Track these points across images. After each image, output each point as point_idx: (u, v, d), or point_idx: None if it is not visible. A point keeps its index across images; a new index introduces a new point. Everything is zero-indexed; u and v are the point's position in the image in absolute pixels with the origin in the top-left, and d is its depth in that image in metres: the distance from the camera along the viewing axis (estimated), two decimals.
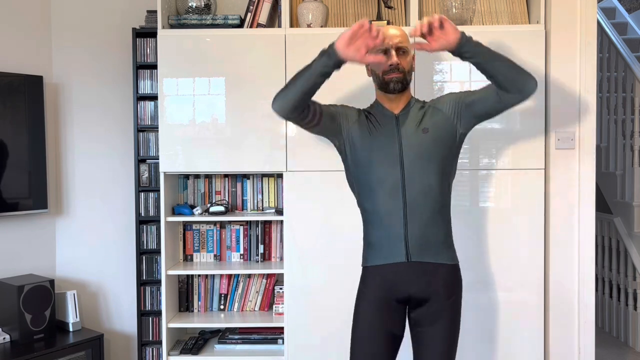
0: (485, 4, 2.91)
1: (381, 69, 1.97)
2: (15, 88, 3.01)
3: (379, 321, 1.98)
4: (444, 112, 2.03)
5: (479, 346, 2.75)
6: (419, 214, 1.95)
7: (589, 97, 2.71)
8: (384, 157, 1.98)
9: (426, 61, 2.73)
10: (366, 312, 2.00)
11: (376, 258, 1.99)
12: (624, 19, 5.56)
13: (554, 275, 2.75)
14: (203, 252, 3.09)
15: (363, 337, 1.99)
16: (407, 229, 1.95)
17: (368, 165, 1.99)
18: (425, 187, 1.96)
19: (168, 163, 2.80)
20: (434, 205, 1.96)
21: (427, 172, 1.97)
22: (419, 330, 2.01)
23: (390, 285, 1.97)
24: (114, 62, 3.29)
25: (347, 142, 2.05)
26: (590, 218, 2.73)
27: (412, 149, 1.97)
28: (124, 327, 3.36)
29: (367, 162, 2.00)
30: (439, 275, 1.97)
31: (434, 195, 1.97)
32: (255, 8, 2.84)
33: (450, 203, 2.05)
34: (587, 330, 2.74)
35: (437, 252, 1.98)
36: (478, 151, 2.74)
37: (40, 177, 3.12)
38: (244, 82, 2.77)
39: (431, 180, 1.97)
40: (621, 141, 4.16)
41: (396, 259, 1.95)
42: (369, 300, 2.00)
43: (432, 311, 1.97)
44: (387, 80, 1.98)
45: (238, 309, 3.09)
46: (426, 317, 1.98)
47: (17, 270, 3.16)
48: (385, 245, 1.97)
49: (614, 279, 4.10)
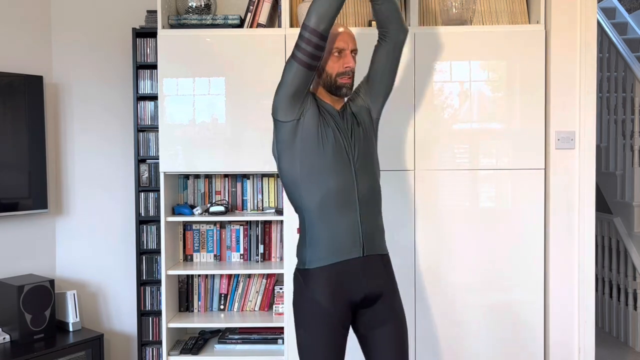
0: (485, 4, 2.91)
1: (336, 70, 1.92)
2: (15, 88, 3.02)
3: (339, 335, 1.83)
4: (362, 100, 2.05)
5: (479, 346, 2.76)
6: (369, 205, 1.91)
7: (589, 97, 2.71)
8: (335, 150, 1.88)
9: (426, 61, 2.73)
10: (322, 326, 1.82)
11: (325, 258, 1.84)
12: (624, 19, 5.56)
13: (554, 275, 2.75)
14: (203, 252, 3.09)
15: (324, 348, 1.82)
16: (361, 221, 1.88)
17: (322, 155, 1.86)
18: (371, 179, 1.93)
19: (168, 163, 2.80)
20: (377, 196, 1.95)
21: (370, 163, 1.95)
22: (372, 333, 1.89)
23: (344, 286, 1.84)
24: (114, 62, 3.29)
25: (302, 121, 1.88)
26: (590, 218, 2.73)
27: (357, 142, 1.94)
28: (124, 327, 3.36)
29: (320, 151, 1.86)
30: (385, 267, 1.93)
31: (377, 185, 1.96)
32: (255, 8, 2.84)
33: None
34: (587, 330, 2.74)
35: (381, 241, 1.94)
36: (478, 151, 2.74)
37: (40, 177, 3.12)
38: (244, 82, 2.78)
39: (374, 170, 1.97)
40: (621, 141, 4.16)
41: (351, 254, 1.85)
42: (322, 311, 1.82)
43: (384, 307, 1.89)
44: (339, 85, 1.92)
45: (238, 309, 3.09)
46: (379, 316, 1.88)
47: (17, 270, 3.16)
48: (337, 242, 1.84)
49: (614, 279, 4.10)
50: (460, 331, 2.76)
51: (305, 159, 1.86)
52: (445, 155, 2.74)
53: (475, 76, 2.73)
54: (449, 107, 2.74)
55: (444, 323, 2.76)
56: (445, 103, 2.74)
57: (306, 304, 1.85)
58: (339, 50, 1.92)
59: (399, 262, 2.75)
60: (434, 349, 2.76)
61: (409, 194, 2.74)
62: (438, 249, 2.75)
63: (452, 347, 2.76)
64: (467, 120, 2.73)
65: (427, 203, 2.74)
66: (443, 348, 2.76)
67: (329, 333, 1.82)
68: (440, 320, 2.76)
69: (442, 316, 2.76)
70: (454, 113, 2.74)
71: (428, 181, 2.74)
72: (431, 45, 2.73)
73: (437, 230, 2.74)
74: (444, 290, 2.76)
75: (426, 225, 2.74)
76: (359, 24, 2.93)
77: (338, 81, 1.92)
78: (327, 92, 1.95)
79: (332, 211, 1.85)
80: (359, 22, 2.94)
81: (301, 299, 1.86)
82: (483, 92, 2.73)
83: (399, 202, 2.75)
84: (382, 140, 2.74)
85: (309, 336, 1.83)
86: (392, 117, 2.74)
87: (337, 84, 1.92)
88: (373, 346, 1.88)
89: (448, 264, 2.75)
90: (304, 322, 1.85)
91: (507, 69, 2.72)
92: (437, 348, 2.76)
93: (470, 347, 2.76)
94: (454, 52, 2.73)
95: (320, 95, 1.97)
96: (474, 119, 2.73)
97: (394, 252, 2.74)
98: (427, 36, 2.73)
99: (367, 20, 2.91)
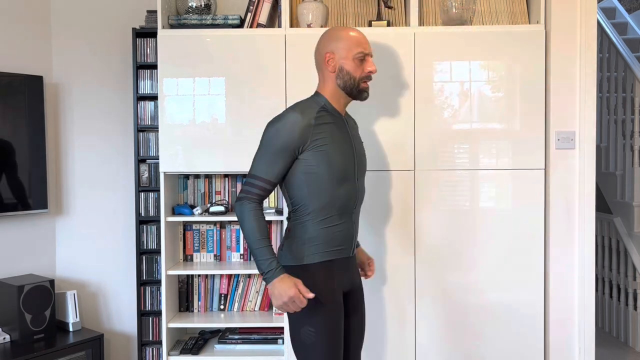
0: (485, 4, 2.91)
1: (359, 74, 1.99)
2: (15, 88, 3.02)
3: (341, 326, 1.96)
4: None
5: (479, 346, 2.76)
6: (358, 210, 2.06)
7: (588, 97, 2.71)
8: (345, 154, 1.97)
9: (426, 61, 2.73)
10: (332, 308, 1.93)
11: (322, 254, 1.94)
12: (624, 19, 5.56)
13: (554, 275, 2.75)
14: (203, 252, 3.09)
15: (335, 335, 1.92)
16: (354, 225, 2.03)
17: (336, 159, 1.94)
18: (362, 186, 2.07)
19: (168, 163, 2.80)
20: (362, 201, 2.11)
21: (363, 171, 2.09)
22: (347, 320, 2.08)
23: (338, 278, 1.98)
24: (114, 62, 3.29)
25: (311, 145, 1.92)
26: (590, 218, 2.73)
27: (359, 149, 2.06)
28: (124, 327, 3.36)
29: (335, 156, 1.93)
30: (356, 265, 2.12)
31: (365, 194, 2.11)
32: (255, 8, 2.84)
33: None
34: (587, 330, 2.74)
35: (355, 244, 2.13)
36: (478, 151, 2.74)
37: (40, 177, 3.12)
38: (244, 82, 2.78)
39: (364, 179, 2.10)
40: (621, 141, 4.16)
41: (342, 254, 1.99)
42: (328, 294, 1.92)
43: (356, 299, 2.08)
44: (362, 89, 2.01)
45: (238, 309, 3.09)
46: (353, 306, 2.07)
47: (17, 270, 3.16)
48: (335, 243, 1.96)
49: (614, 279, 4.10)
50: (460, 331, 2.76)
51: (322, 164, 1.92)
52: (445, 155, 2.74)
53: (475, 76, 2.73)
54: (449, 107, 2.74)
55: (444, 323, 2.76)
56: (445, 103, 2.74)
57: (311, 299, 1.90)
58: (362, 55, 1.98)
59: (399, 262, 2.75)
60: (433, 349, 2.76)
61: (409, 194, 2.74)
62: (438, 249, 2.75)
63: (452, 347, 2.76)
64: (467, 120, 2.74)
65: (427, 203, 2.74)
66: (443, 348, 2.76)
67: (337, 324, 1.93)
68: (440, 320, 2.76)
69: (442, 316, 2.76)
70: (454, 113, 2.74)
71: (428, 181, 2.74)
72: (431, 45, 2.73)
73: (437, 230, 2.74)
74: (444, 290, 2.76)
75: (426, 225, 2.74)
76: (359, 24, 2.93)
77: (361, 85, 2.00)
78: (346, 94, 2.01)
79: (335, 215, 1.96)
80: (359, 22, 2.94)
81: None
82: (483, 92, 2.73)
83: (398, 202, 2.75)
84: (382, 140, 2.74)
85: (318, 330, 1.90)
86: (392, 117, 2.74)
87: (359, 87, 2.00)
88: (346, 332, 2.09)
89: (448, 264, 2.74)
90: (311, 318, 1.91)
91: (507, 69, 2.72)
92: (437, 348, 2.76)
93: (470, 347, 2.76)
94: (454, 52, 2.73)
95: (332, 98, 2.01)
96: (474, 119, 2.73)
97: (394, 252, 2.74)
98: (427, 36, 2.73)
99: (367, 20, 2.91)
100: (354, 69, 1.98)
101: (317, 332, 1.90)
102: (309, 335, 1.91)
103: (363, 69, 1.99)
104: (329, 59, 1.98)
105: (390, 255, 2.75)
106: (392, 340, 2.77)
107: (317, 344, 1.90)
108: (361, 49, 1.98)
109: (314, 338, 1.90)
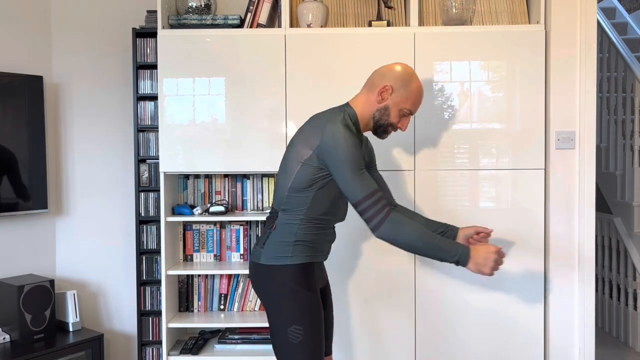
0: (485, 4, 2.91)
1: (394, 121, 2.04)
2: (15, 88, 3.02)
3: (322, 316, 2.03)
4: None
5: (479, 346, 2.76)
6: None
7: (588, 97, 2.71)
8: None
9: (426, 61, 2.73)
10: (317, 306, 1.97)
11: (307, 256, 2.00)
12: (624, 19, 5.56)
13: (554, 276, 2.75)
14: (203, 252, 3.09)
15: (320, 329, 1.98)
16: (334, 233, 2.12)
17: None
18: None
19: (168, 163, 2.80)
20: None
21: None
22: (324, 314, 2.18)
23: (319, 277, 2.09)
24: (114, 62, 3.30)
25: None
26: (590, 218, 2.73)
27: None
28: (124, 327, 3.36)
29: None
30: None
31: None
32: (255, 8, 2.84)
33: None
34: (587, 330, 2.75)
35: None
36: (478, 151, 2.74)
37: (40, 177, 3.12)
38: (244, 82, 2.78)
39: None
40: (621, 141, 4.16)
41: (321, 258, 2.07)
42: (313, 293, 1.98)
43: (327, 293, 2.19)
44: (387, 131, 2.06)
45: (238, 309, 3.09)
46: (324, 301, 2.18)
47: (17, 270, 3.16)
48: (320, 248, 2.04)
49: (614, 279, 4.10)
50: (460, 331, 2.76)
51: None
52: (445, 155, 2.74)
53: (475, 76, 2.73)
54: (449, 107, 2.74)
55: (444, 323, 2.76)
56: (445, 103, 2.74)
57: (298, 297, 1.94)
58: (409, 112, 2.04)
59: (398, 262, 2.75)
60: (433, 349, 2.76)
61: (409, 194, 2.74)
62: None
63: (451, 347, 2.76)
64: (467, 120, 2.74)
65: (427, 203, 2.74)
66: (442, 348, 2.76)
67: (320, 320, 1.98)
68: (439, 320, 2.76)
69: (441, 316, 2.76)
70: (454, 113, 2.74)
71: (428, 181, 2.74)
72: (431, 45, 2.73)
73: None
74: (444, 291, 2.76)
75: None
76: (359, 24, 2.93)
77: (389, 129, 2.06)
78: (372, 125, 2.06)
79: (327, 224, 2.03)
80: (359, 22, 2.94)
81: (290, 294, 1.94)
82: (483, 92, 2.73)
83: (398, 202, 2.75)
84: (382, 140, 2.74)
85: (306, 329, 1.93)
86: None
87: (386, 130, 2.06)
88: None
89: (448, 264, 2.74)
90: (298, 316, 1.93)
91: (507, 69, 2.72)
92: (437, 348, 2.76)
93: (470, 347, 2.76)
94: (454, 52, 2.73)
95: (362, 118, 2.05)
96: (474, 119, 2.73)
97: (394, 252, 2.75)
98: (427, 36, 2.73)
99: (367, 20, 2.91)
100: (395, 116, 2.03)
101: (305, 330, 1.92)
102: (296, 334, 1.93)
103: (400, 122, 2.05)
104: (385, 91, 2.00)
105: (390, 255, 2.75)
106: (392, 340, 2.77)
107: (305, 341, 1.93)
108: (413, 109, 2.04)
109: (302, 336, 1.92)
